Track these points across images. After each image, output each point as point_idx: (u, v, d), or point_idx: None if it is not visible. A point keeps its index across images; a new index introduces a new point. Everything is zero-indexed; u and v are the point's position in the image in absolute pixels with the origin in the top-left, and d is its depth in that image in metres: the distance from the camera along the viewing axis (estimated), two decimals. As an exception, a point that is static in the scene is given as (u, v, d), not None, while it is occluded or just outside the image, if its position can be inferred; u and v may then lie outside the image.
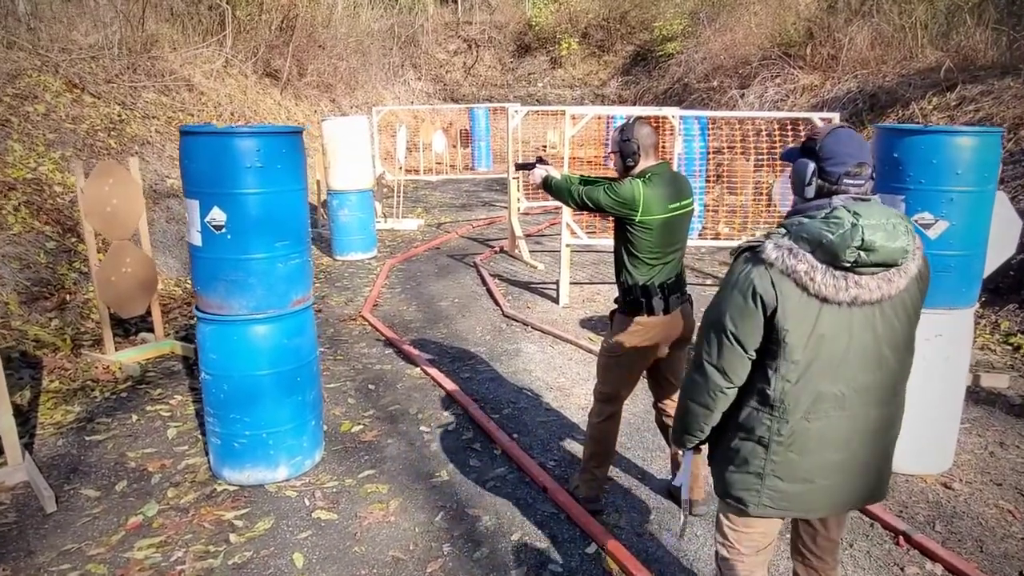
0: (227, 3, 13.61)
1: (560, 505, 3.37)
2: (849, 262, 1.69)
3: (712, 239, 8.61)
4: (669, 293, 3.07)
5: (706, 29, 17.06)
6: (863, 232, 1.67)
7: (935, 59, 10.65)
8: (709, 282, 7.52)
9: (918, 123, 9.35)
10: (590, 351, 5.34)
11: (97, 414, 4.40)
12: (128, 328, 5.74)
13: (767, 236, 1.83)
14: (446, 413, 4.41)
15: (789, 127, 7.53)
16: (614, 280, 3.28)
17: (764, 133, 9.35)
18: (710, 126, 9.99)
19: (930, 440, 3.59)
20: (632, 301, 3.11)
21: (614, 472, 3.68)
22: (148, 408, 4.49)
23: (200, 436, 4.11)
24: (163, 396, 4.67)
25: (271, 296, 3.41)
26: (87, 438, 4.09)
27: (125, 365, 5.03)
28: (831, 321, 1.76)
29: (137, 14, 10.91)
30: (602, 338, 5.74)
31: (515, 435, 4.09)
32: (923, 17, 11.37)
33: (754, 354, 1.83)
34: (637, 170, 3.07)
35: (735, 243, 7.69)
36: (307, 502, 3.46)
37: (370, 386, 4.84)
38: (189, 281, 7.08)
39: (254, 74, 14.05)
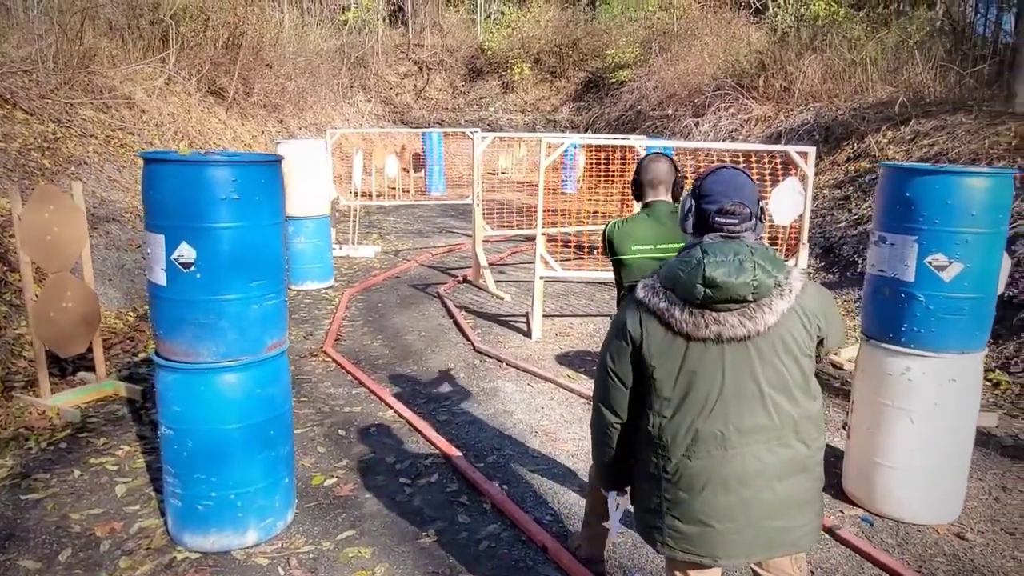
0: (170, 18, 13.06)
1: (563, 568, 3.10)
2: (698, 298, 1.74)
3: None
4: None
5: (658, 58, 17.29)
6: (705, 269, 1.73)
7: (886, 94, 10.94)
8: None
9: (875, 156, 9.54)
10: (571, 391, 5.10)
11: (33, 468, 3.91)
12: (64, 367, 5.22)
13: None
14: (427, 462, 4.08)
15: (766, 159, 7.52)
16: (586, 313, 3.20)
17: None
18: (676, 155, 9.98)
19: (942, 489, 3.47)
20: None
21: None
22: (92, 461, 4.02)
23: (153, 493, 3.68)
24: (108, 446, 4.20)
25: (244, 341, 3.06)
26: (23, 497, 3.62)
27: (63, 410, 4.55)
28: (700, 359, 1.80)
29: (75, 27, 10.31)
30: (582, 376, 5.54)
31: (504, 486, 3.80)
32: (873, 53, 11.70)
33: (629, 388, 1.91)
34: (640, 205, 3.02)
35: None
36: (281, 571, 3.09)
37: (340, 432, 4.47)
38: (131, 314, 6.57)
39: (198, 92, 13.49)
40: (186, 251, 2.89)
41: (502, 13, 23.76)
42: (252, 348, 3.10)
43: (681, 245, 2.93)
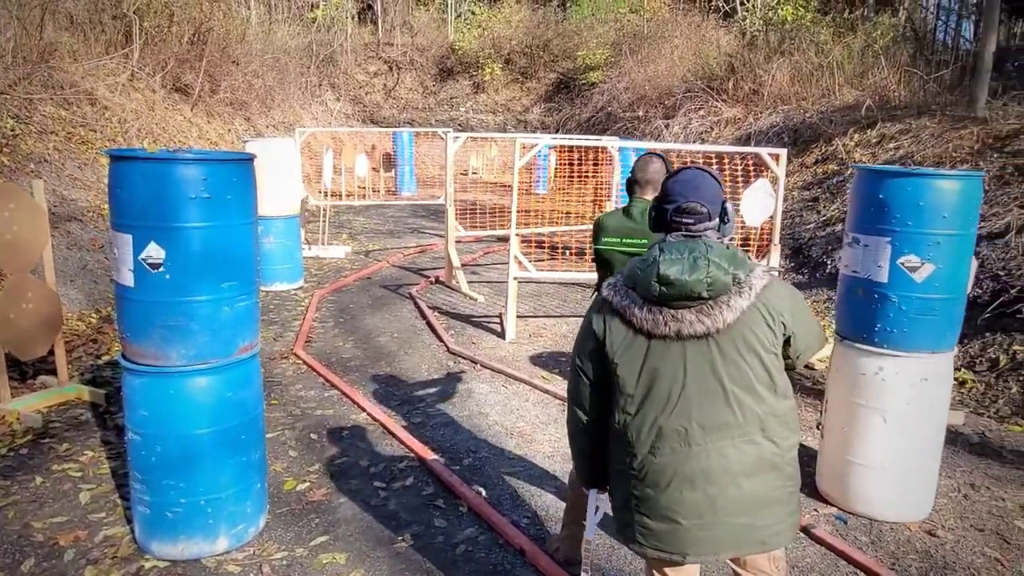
0: (133, 13, 12.77)
1: (541, 571, 3.07)
2: (655, 295, 1.79)
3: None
4: None
5: (628, 60, 17.37)
6: (659, 266, 1.78)
7: (852, 97, 11.13)
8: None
9: (843, 159, 9.69)
10: (546, 392, 5.08)
11: (-9, 477, 3.78)
12: (25, 371, 5.06)
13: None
14: (401, 465, 4.03)
15: (738, 160, 7.59)
16: (560, 314, 3.25)
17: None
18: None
19: (914, 487, 3.52)
20: None
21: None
22: (54, 467, 3.89)
23: (119, 500, 3.58)
24: (71, 452, 4.07)
25: (215, 343, 2.98)
26: (-20, 507, 3.49)
27: (24, 415, 4.40)
28: (662, 356, 1.83)
29: (34, 20, 10.02)
30: (557, 377, 5.52)
31: (480, 489, 3.76)
32: (839, 57, 11.89)
33: (596, 386, 1.96)
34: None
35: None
36: (253, 579, 3.02)
37: (312, 435, 4.40)
38: (94, 315, 6.39)
39: (162, 89, 13.21)
40: (155, 251, 2.81)
41: (473, 13, 23.69)
42: (223, 351, 3.02)
43: (640, 243, 2.99)
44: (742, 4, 17.29)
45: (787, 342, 1.88)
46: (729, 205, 1.99)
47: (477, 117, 21.22)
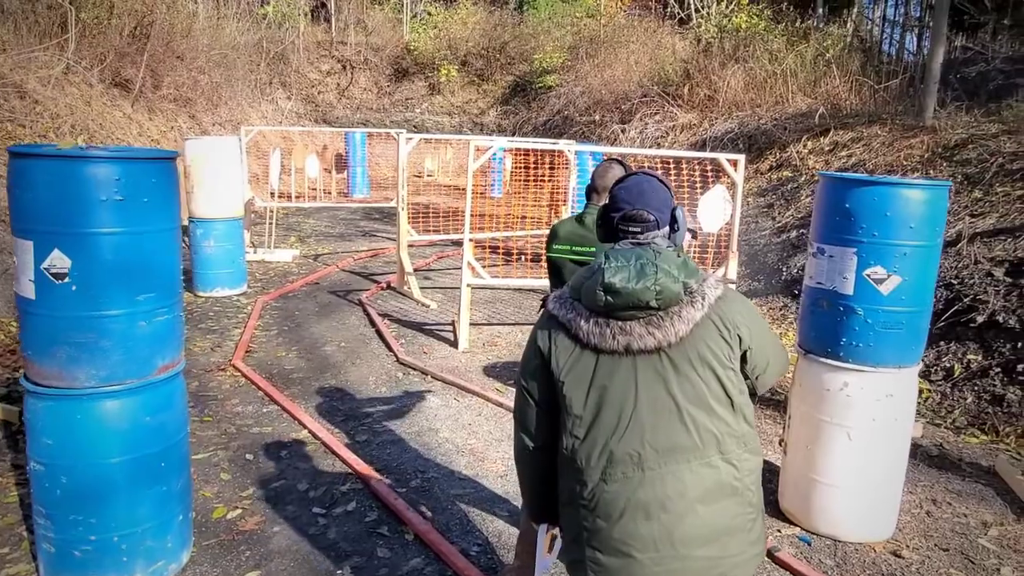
0: (70, 3, 12.16)
1: (492, 606, 2.85)
2: (600, 305, 1.67)
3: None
4: None
5: (585, 64, 17.31)
6: (604, 274, 1.66)
7: (805, 105, 11.21)
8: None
9: (796, 166, 9.72)
10: (500, 405, 4.86)
11: None
12: (-69, 386, 4.63)
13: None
14: (344, 488, 3.76)
15: (696, 166, 7.49)
16: (515, 322, 3.05)
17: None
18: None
19: (878, 505, 3.40)
20: None
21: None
22: (-46, 496, 3.52)
23: (25, 533, 3.23)
24: (-24, 478, 3.70)
25: (130, 362, 2.68)
26: None
27: (-76, 437, 3.99)
28: (611, 373, 1.70)
29: (-42, 7, 9.40)
30: (511, 389, 5.31)
31: (428, 514, 3.52)
32: (793, 65, 11.98)
33: (544, 408, 1.79)
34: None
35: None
36: (173, 623, 2.72)
37: (247, 456, 4.09)
38: (14, 324, 5.94)
39: (101, 83, 12.61)
40: (59, 260, 2.50)
41: (428, 13, 23.38)
42: (140, 370, 2.72)
43: (591, 249, 2.82)
44: (697, 11, 17.39)
45: (744, 358, 1.74)
46: (680, 212, 1.88)
47: (433, 119, 20.92)
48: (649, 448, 1.67)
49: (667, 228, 1.85)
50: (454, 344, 6.18)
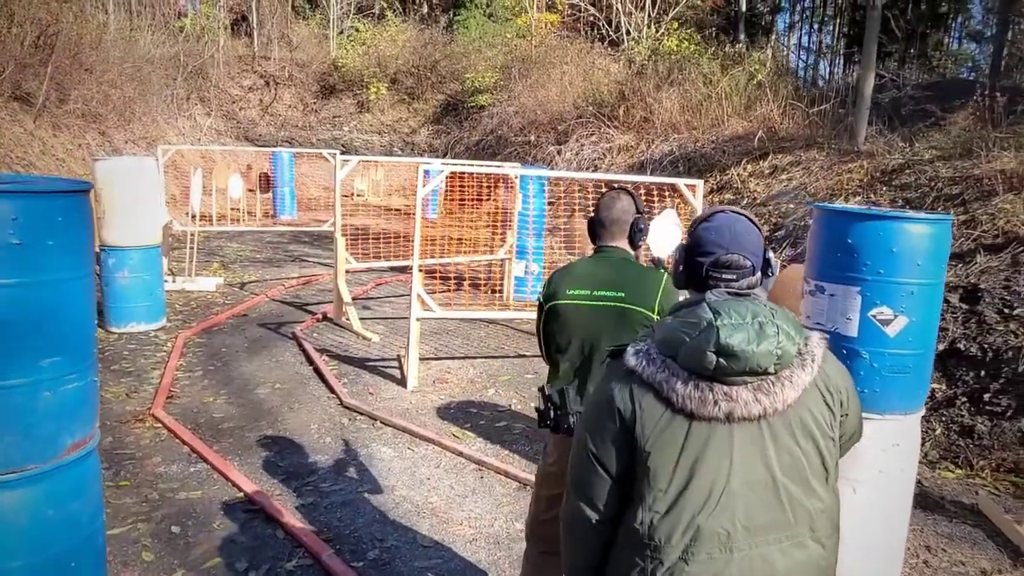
0: (-37, 9, 11.14)
1: None
2: (709, 369, 1.45)
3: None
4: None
5: (518, 84, 17.15)
6: (719, 333, 1.44)
7: (742, 128, 11.30)
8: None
9: (738, 188, 9.72)
10: (460, 454, 4.44)
11: None
12: None
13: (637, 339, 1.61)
14: (290, 565, 3.26)
15: (654, 191, 7.31)
16: (464, 355, 2.73)
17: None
18: (550, 184, 9.67)
19: (885, 561, 3.16)
20: (539, 412, 2.42)
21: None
22: None
23: None
24: None
25: (31, 444, 2.15)
26: None
27: None
28: (705, 442, 1.50)
29: None
30: (469, 433, 4.90)
31: (392, 594, 3.07)
32: (727, 88, 12.09)
33: (617, 479, 1.57)
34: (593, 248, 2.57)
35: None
36: None
37: (173, 528, 3.53)
38: None
39: (-1, 97, 11.59)
40: (-67, 321, 1.97)
41: (356, 30, 22.81)
42: (43, 453, 2.19)
43: (609, 295, 2.48)
44: (628, 33, 17.53)
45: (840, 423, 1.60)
46: (772, 256, 1.68)
47: (362, 137, 20.33)
48: (740, 526, 1.48)
49: (760, 275, 1.64)
50: (402, 382, 5.72)
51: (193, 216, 9.81)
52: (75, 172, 12.02)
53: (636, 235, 2.51)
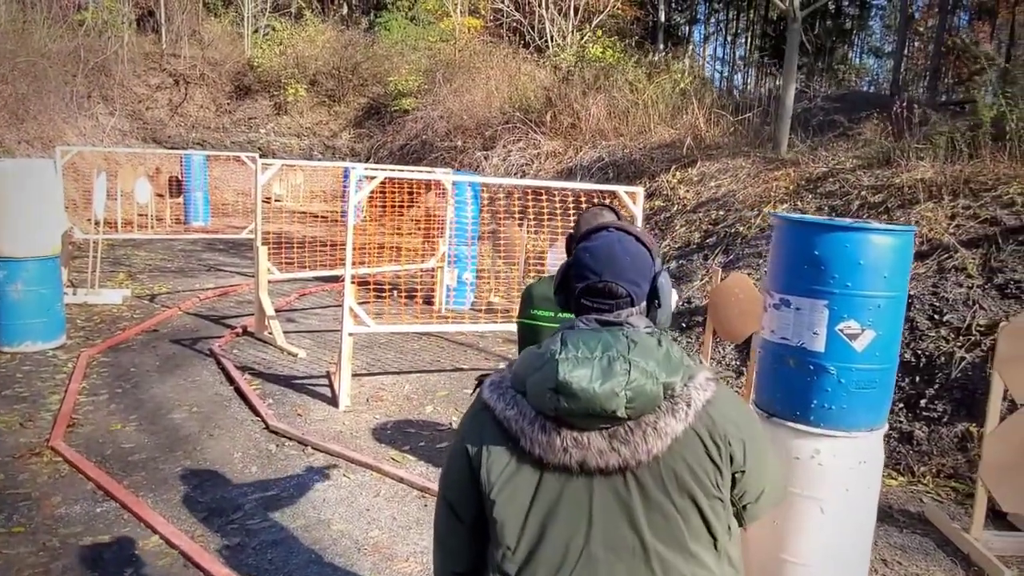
0: None
1: None
2: (551, 409, 1.26)
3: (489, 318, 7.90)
4: None
5: (443, 88, 16.87)
6: (558, 368, 1.24)
7: (669, 135, 11.39)
8: (502, 365, 6.72)
9: (667, 195, 9.75)
10: (401, 480, 4.14)
11: None
12: None
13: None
14: (217, 619, 2.90)
15: (594, 198, 7.18)
16: (398, 370, 2.57)
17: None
18: (484, 191, 9.44)
19: (851, 580, 3.07)
20: None
21: None
22: None
23: None
24: None
25: None
26: None
27: None
28: (558, 495, 1.30)
29: None
30: (409, 457, 4.59)
31: (334, 646, 2.76)
32: (653, 96, 12.19)
33: (472, 527, 1.38)
34: None
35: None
36: None
37: (79, 580, 3.11)
38: None
39: None
40: None
41: (273, 29, 21.96)
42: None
43: None
44: (552, 40, 17.53)
45: (732, 480, 1.35)
46: (664, 280, 1.45)
47: (280, 140, 19.56)
48: None
49: (645, 303, 1.42)
50: (333, 402, 5.36)
51: (96, 223, 9.08)
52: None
53: None
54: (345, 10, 25.41)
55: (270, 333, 6.87)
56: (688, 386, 1.30)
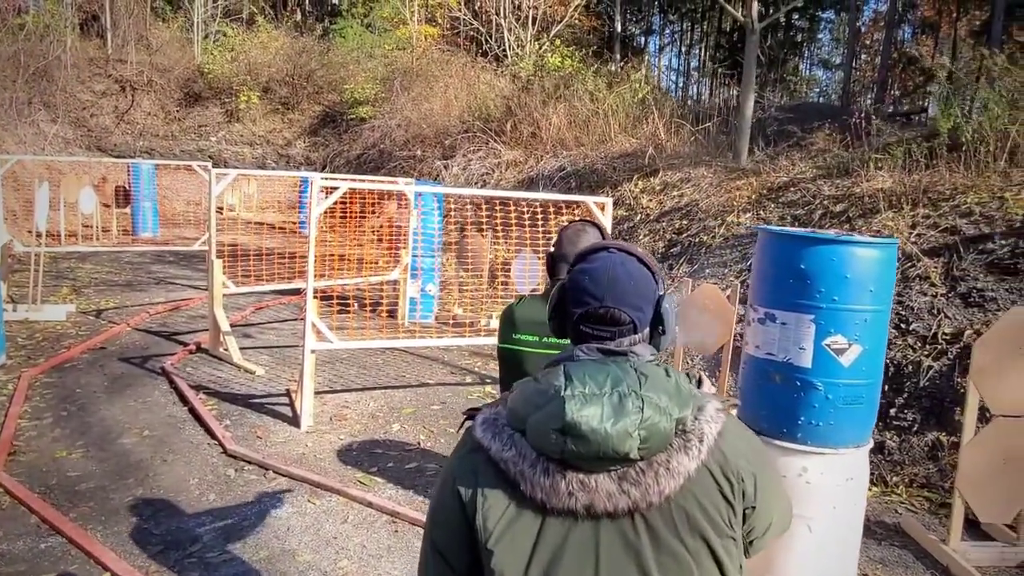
0: None
1: None
2: (555, 452, 1.15)
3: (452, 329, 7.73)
4: None
5: (401, 96, 16.66)
6: (565, 406, 1.14)
7: (630, 145, 11.41)
8: (468, 380, 6.56)
9: (631, 204, 9.74)
10: (370, 505, 3.96)
11: None
12: None
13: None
14: (175, 666, 2.69)
15: (563, 208, 7.07)
16: (362, 386, 2.40)
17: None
18: (448, 201, 9.29)
19: (838, 603, 3.01)
20: None
21: None
22: None
23: None
24: None
25: None
26: None
27: None
28: (562, 542, 1.20)
29: None
30: (377, 479, 4.41)
31: None
32: (613, 105, 12.21)
33: (464, 573, 1.25)
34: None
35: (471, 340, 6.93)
36: None
37: (20, 627, 2.86)
38: None
39: None
40: None
41: (224, 34, 21.44)
42: None
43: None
44: (511, 48, 17.50)
45: (743, 517, 1.27)
46: (669, 304, 1.34)
47: (231, 149, 19.06)
48: None
49: (648, 329, 1.31)
50: (294, 422, 5.13)
51: (38, 235, 8.64)
52: None
53: None
54: (299, 16, 25.01)
55: (225, 350, 6.59)
56: (699, 419, 1.21)
